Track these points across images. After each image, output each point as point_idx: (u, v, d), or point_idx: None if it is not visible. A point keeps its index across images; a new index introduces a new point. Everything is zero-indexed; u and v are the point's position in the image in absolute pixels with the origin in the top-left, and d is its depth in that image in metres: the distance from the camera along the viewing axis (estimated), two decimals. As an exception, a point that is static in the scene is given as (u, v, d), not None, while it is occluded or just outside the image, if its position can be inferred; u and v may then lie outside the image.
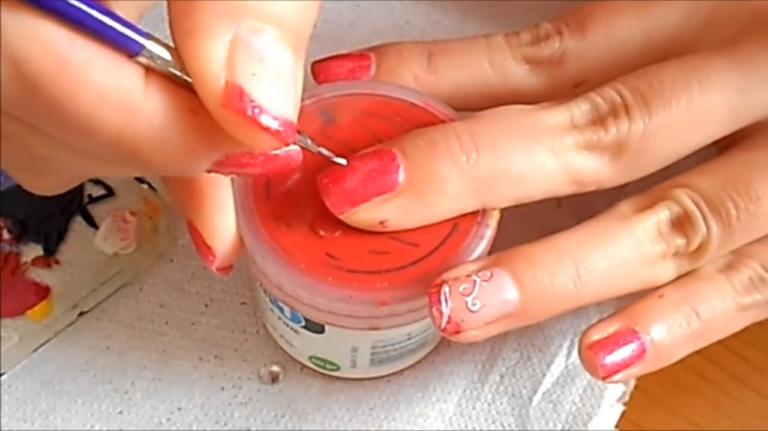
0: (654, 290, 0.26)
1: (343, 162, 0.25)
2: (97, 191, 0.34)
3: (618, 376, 0.25)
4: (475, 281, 0.24)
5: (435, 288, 0.24)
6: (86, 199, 0.34)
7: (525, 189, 0.26)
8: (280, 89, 0.18)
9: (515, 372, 0.32)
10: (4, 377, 0.31)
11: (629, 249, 0.25)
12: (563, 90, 0.30)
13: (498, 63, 0.30)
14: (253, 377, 0.32)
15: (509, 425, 0.31)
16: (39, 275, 0.32)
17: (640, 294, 0.26)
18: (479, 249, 0.26)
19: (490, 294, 0.24)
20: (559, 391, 0.31)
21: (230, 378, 0.32)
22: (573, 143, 0.25)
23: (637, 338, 0.25)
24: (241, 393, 0.31)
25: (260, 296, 0.29)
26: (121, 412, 0.31)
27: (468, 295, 0.24)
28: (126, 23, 0.17)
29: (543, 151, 0.25)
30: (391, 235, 0.26)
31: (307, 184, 0.26)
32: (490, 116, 0.26)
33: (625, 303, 0.26)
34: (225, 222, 0.25)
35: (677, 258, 0.26)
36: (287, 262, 0.25)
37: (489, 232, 0.26)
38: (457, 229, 0.26)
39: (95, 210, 0.34)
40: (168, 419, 0.31)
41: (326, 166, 0.25)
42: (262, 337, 0.32)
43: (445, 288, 0.24)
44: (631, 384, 0.31)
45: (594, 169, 0.26)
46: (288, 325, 0.29)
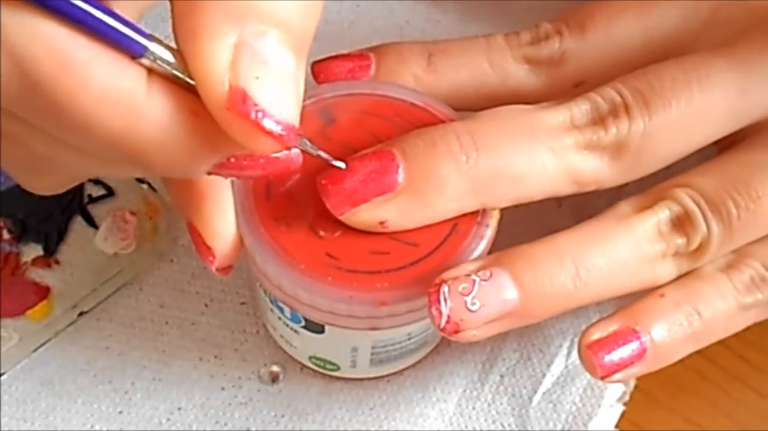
0: (654, 289, 0.26)
1: (342, 166, 0.25)
2: (97, 191, 0.34)
3: (617, 376, 0.25)
4: (475, 280, 0.24)
5: (434, 288, 0.24)
6: (86, 199, 0.34)
7: (525, 189, 0.26)
8: (283, 93, 0.18)
9: (515, 372, 0.32)
10: (4, 377, 0.31)
11: (629, 249, 0.25)
12: (563, 90, 0.30)
13: (498, 63, 0.30)
14: (253, 377, 0.32)
15: (509, 425, 0.31)
16: (39, 275, 0.32)
17: (641, 294, 0.26)
18: (479, 249, 0.26)
19: (490, 294, 0.24)
20: (559, 391, 0.31)
21: (230, 378, 0.32)
22: (573, 143, 0.25)
23: (637, 337, 0.25)
24: (241, 393, 0.31)
25: (260, 296, 0.29)
26: (121, 412, 0.31)
27: (467, 295, 0.24)
28: (129, 24, 0.17)
29: (543, 151, 0.25)
30: (391, 235, 0.26)
31: (307, 184, 0.26)
32: (490, 116, 0.26)
33: (626, 303, 0.26)
34: (225, 223, 0.25)
35: (677, 258, 0.26)
36: (287, 262, 0.25)
37: (489, 232, 0.26)
38: (457, 229, 0.26)
39: (95, 210, 0.34)
40: (168, 419, 0.31)
41: (326, 167, 0.25)
42: (262, 337, 0.32)
43: (444, 288, 0.24)
44: (631, 384, 0.31)
45: (594, 169, 0.26)
46: (288, 325, 0.29)
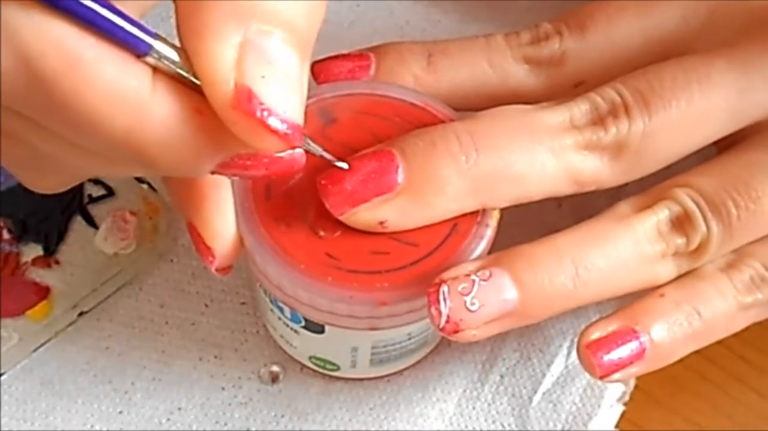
0: (654, 289, 0.26)
1: (345, 166, 0.25)
2: (97, 191, 0.34)
3: (617, 375, 0.25)
4: (474, 280, 0.24)
5: (434, 288, 0.24)
6: (86, 199, 0.34)
7: (525, 189, 0.26)
8: (289, 92, 0.18)
9: (515, 372, 0.32)
10: (4, 377, 0.31)
11: (629, 249, 0.25)
12: (563, 90, 0.30)
13: (498, 63, 0.30)
14: (253, 377, 0.32)
15: (509, 425, 0.31)
16: (39, 275, 0.32)
17: (641, 294, 0.26)
18: (479, 249, 0.26)
19: (489, 294, 0.24)
20: (559, 391, 0.31)
21: (230, 378, 0.32)
22: (573, 143, 0.25)
23: (637, 337, 0.25)
24: (241, 393, 0.31)
25: (260, 296, 0.29)
26: (121, 412, 0.31)
27: (467, 294, 0.24)
28: (135, 23, 0.17)
29: (543, 151, 0.25)
30: (391, 235, 0.26)
31: (307, 184, 0.26)
32: (490, 116, 0.26)
33: (626, 303, 0.26)
34: (225, 223, 0.25)
35: (677, 258, 0.26)
36: (287, 262, 0.25)
37: (489, 232, 0.26)
38: (457, 229, 0.26)
39: (95, 210, 0.34)
40: (168, 419, 0.31)
41: (326, 167, 0.25)
42: (262, 337, 0.32)
43: (444, 288, 0.24)
44: (631, 384, 0.31)
45: (594, 169, 0.26)
46: (288, 325, 0.29)
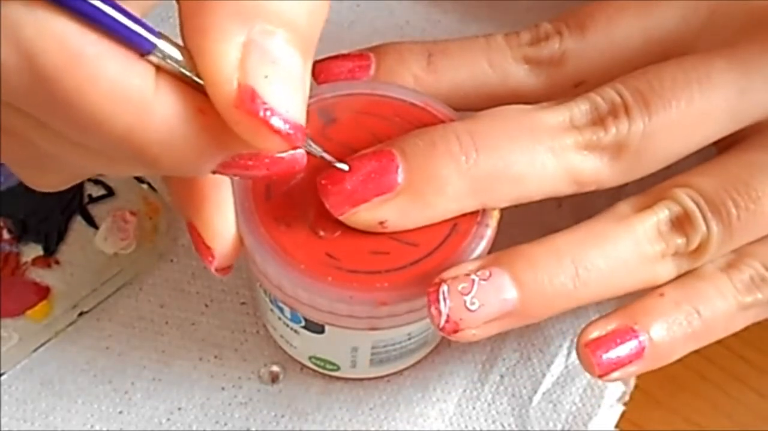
0: (654, 289, 0.26)
1: (345, 168, 0.25)
2: (97, 191, 0.34)
3: (615, 374, 0.25)
4: (474, 280, 0.24)
5: (433, 287, 0.24)
6: (86, 199, 0.34)
7: (525, 189, 0.26)
8: (291, 92, 0.18)
9: (515, 372, 0.32)
10: (4, 377, 0.31)
11: (629, 249, 0.25)
12: (563, 90, 0.30)
13: (498, 63, 0.30)
14: (253, 377, 0.32)
15: (509, 425, 0.31)
16: (39, 275, 0.32)
17: (641, 293, 0.26)
18: (479, 249, 0.26)
19: (489, 293, 0.24)
20: (559, 391, 0.31)
21: (230, 378, 0.32)
22: (573, 143, 0.25)
23: (636, 336, 0.25)
24: (241, 393, 0.31)
25: (260, 296, 0.29)
26: (121, 412, 0.31)
27: (467, 294, 0.24)
28: (138, 21, 0.17)
29: (543, 151, 0.25)
30: (391, 235, 0.26)
31: (307, 184, 0.26)
32: (490, 116, 0.26)
33: (626, 302, 0.26)
34: (225, 223, 0.25)
35: (677, 258, 0.26)
36: (287, 262, 0.25)
37: (489, 232, 0.26)
38: (457, 229, 0.26)
39: (95, 210, 0.34)
40: (168, 419, 0.31)
41: (326, 167, 0.25)
42: (262, 337, 0.32)
43: (444, 287, 0.24)
44: (631, 384, 0.31)
45: (594, 169, 0.26)
46: (288, 325, 0.29)
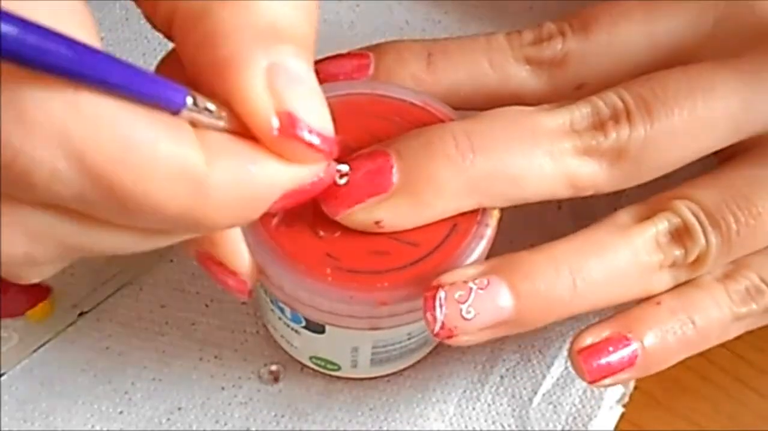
0: (650, 297, 0.26)
1: (345, 169, 0.25)
2: (97, 191, 0.34)
3: (607, 380, 0.25)
4: (471, 288, 0.24)
5: (430, 293, 0.24)
6: (86, 199, 0.34)
7: (522, 191, 0.25)
8: (320, 106, 0.19)
9: (515, 373, 0.32)
10: (4, 377, 0.31)
11: (627, 260, 0.25)
12: (564, 92, 0.29)
13: (498, 63, 0.29)
14: (253, 377, 0.32)
15: (509, 426, 0.31)
16: (39, 275, 0.32)
17: (637, 300, 0.26)
18: (479, 249, 0.26)
19: (485, 302, 0.24)
20: (559, 392, 0.31)
21: (230, 378, 0.32)
22: (571, 148, 0.25)
23: (628, 344, 0.25)
24: (241, 393, 0.31)
25: (261, 296, 0.29)
26: (122, 412, 0.31)
27: (463, 302, 0.24)
28: (162, 78, 0.17)
29: (541, 154, 0.25)
30: (391, 235, 0.26)
31: (307, 184, 0.26)
32: (489, 117, 0.26)
33: (625, 308, 0.26)
34: (240, 242, 0.24)
35: (674, 269, 0.26)
36: (287, 263, 0.25)
37: (489, 232, 0.26)
38: (457, 229, 0.26)
39: (95, 210, 0.34)
40: (168, 419, 0.31)
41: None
42: (262, 337, 0.32)
43: (441, 294, 0.24)
44: (631, 386, 0.31)
45: (592, 174, 0.25)
46: (288, 325, 0.29)
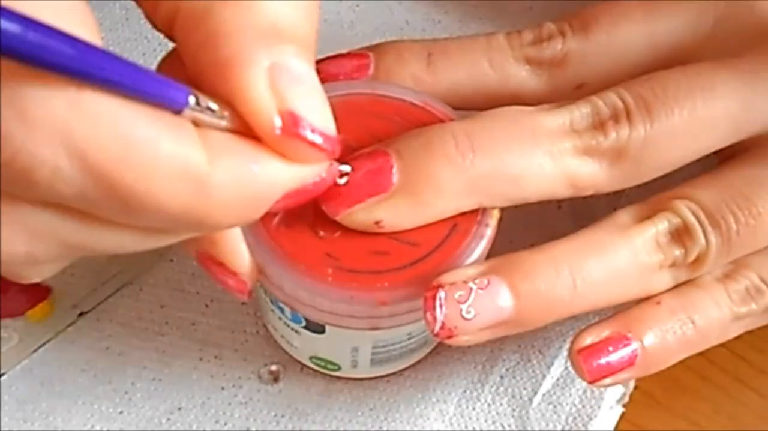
0: (650, 297, 0.26)
1: (347, 169, 0.25)
2: (98, 191, 0.34)
3: (607, 380, 0.25)
4: (472, 288, 0.24)
5: (431, 293, 0.24)
6: (86, 199, 0.34)
7: (521, 191, 0.25)
8: (322, 106, 0.19)
9: (515, 373, 0.32)
10: (4, 377, 0.31)
11: (627, 260, 0.25)
12: (564, 92, 0.29)
13: (498, 63, 0.29)
14: (253, 377, 0.32)
15: (509, 426, 0.31)
16: (39, 275, 0.32)
17: (637, 299, 0.26)
18: (479, 249, 0.26)
19: (485, 302, 0.24)
20: (559, 392, 0.31)
21: (230, 378, 0.32)
22: (571, 148, 0.25)
23: (628, 344, 0.25)
24: (241, 393, 0.31)
25: (261, 296, 0.29)
26: (122, 412, 0.31)
27: (463, 302, 0.24)
28: (164, 77, 0.17)
29: (541, 154, 0.25)
30: (391, 235, 0.26)
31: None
32: (489, 117, 0.26)
33: (625, 307, 0.26)
34: (240, 242, 0.25)
35: (674, 269, 0.26)
36: (287, 263, 0.25)
37: (489, 231, 0.26)
38: (457, 229, 0.26)
39: (95, 210, 0.34)
40: (168, 419, 0.31)
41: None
42: (262, 337, 0.32)
43: (441, 294, 0.24)
44: (631, 386, 0.31)
45: (591, 174, 0.25)
46: (289, 325, 0.29)
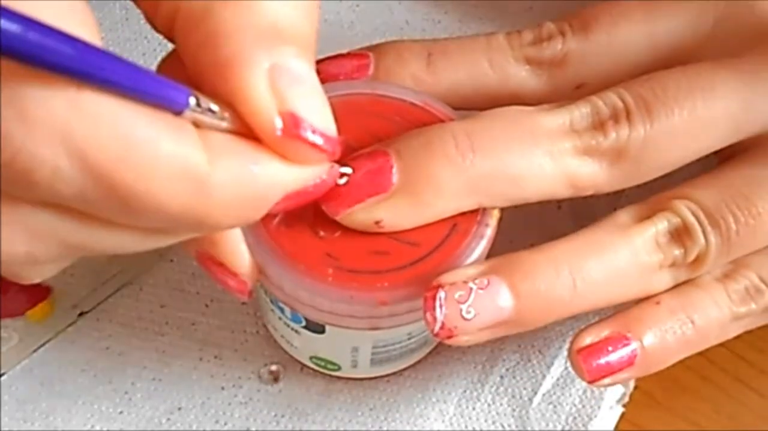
0: (650, 296, 0.26)
1: (349, 171, 0.25)
2: (98, 191, 0.34)
3: (606, 380, 0.25)
4: (472, 288, 0.24)
5: (431, 293, 0.24)
6: (86, 199, 0.34)
7: (521, 191, 0.25)
8: (322, 107, 0.19)
9: (515, 373, 0.32)
10: (4, 377, 0.31)
11: (626, 260, 0.25)
12: (564, 92, 0.29)
13: (498, 63, 0.29)
14: (253, 377, 0.32)
15: (509, 426, 0.31)
16: (39, 275, 0.32)
17: (637, 299, 0.26)
18: (479, 249, 0.26)
19: (485, 302, 0.24)
20: (559, 392, 0.31)
21: (230, 378, 0.32)
22: (571, 148, 0.25)
23: (628, 344, 0.25)
24: (241, 393, 0.31)
25: (261, 296, 0.29)
26: (122, 412, 0.31)
27: (463, 303, 0.24)
28: (164, 78, 0.17)
29: (541, 154, 0.25)
30: (391, 235, 0.26)
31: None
32: (489, 117, 0.26)
33: (624, 307, 0.26)
34: (240, 242, 0.25)
35: (674, 269, 0.26)
36: (287, 263, 0.25)
37: (489, 231, 0.26)
38: (457, 229, 0.26)
39: (95, 210, 0.34)
40: (168, 419, 0.31)
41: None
42: (262, 337, 0.32)
43: (441, 294, 0.24)
44: (631, 386, 0.31)
45: (591, 174, 0.25)
46: (289, 325, 0.29)
